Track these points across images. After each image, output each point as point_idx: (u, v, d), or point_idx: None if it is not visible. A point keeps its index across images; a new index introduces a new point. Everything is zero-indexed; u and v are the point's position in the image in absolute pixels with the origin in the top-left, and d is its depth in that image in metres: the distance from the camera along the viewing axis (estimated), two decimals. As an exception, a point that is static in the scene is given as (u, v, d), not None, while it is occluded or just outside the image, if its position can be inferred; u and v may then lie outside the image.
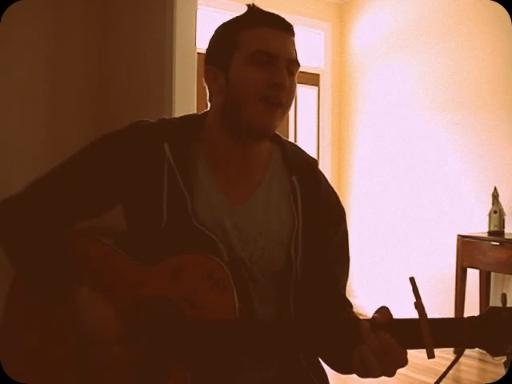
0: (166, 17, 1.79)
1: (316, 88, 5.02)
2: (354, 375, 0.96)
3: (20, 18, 1.82)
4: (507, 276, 3.79)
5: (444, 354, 3.85)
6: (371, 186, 4.79)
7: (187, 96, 1.82)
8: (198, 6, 1.90)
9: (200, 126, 1.12)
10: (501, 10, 3.60)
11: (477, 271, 3.79)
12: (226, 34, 1.07)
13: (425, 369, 3.27)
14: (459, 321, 0.91)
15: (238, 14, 1.11)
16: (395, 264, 4.48)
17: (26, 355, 1.09)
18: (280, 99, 1.03)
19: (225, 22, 1.11)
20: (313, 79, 4.98)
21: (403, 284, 4.44)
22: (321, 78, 5.02)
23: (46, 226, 1.09)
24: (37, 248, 1.08)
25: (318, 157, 5.01)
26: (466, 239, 3.67)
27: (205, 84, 1.12)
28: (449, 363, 0.92)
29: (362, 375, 0.93)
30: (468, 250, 3.66)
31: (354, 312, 1.14)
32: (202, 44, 1.92)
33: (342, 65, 5.08)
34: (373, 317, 0.93)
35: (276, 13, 1.08)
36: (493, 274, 3.83)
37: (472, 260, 3.65)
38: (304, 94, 4.93)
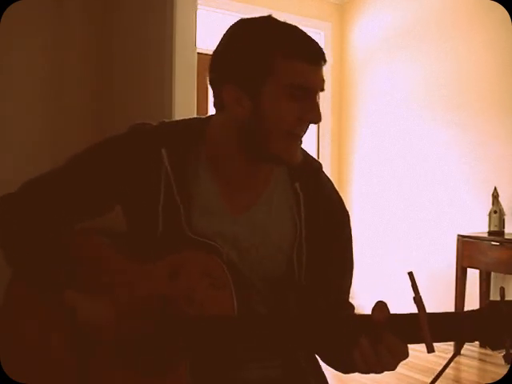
0: (166, 17, 1.79)
1: (316, 88, 5.01)
2: (353, 376, 0.96)
3: (20, 17, 1.82)
4: (507, 276, 3.78)
5: (445, 354, 3.86)
6: (371, 185, 4.79)
7: (187, 96, 1.82)
8: (198, 6, 1.90)
9: (202, 132, 1.10)
10: (501, 10, 3.60)
11: (477, 271, 3.79)
12: (259, 56, 0.98)
13: (425, 369, 3.26)
14: (458, 315, 0.94)
15: (270, 29, 1.00)
16: (395, 264, 4.48)
17: (26, 355, 1.09)
18: (306, 131, 1.03)
19: (254, 38, 1.00)
20: (313, 79, 4.97)
21: (403, 284, 4.44)
22: (321, 78, 5.02)
23: (42, 227, 1.09)
24: (32, 248, 1.07)
25: (318, 157, 5.01)
26: (466, 239, 3.67)
27: (221, 99, 1.03)
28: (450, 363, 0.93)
29: (364, 371, 0.93)
30: (468, 249, 3.66)
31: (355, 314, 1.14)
32: (202, 44, 1.92)
33: (342, 65, 5.08)
34: (372, 314, 0.92)
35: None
36: (493, 273, 3.83)
37: (472, 260, 3.65)
38: (304, 94, 4.93)
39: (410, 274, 0.91)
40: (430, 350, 0.88)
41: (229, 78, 1.01)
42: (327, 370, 1.16)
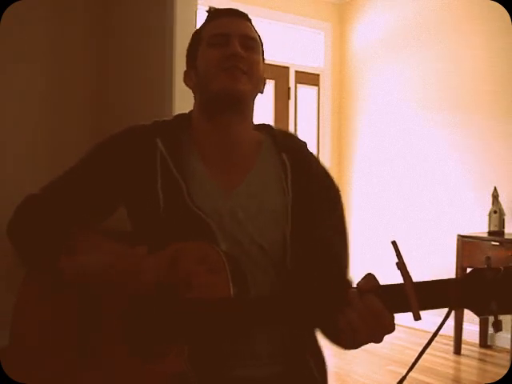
0: (166, 17, 1.79)
1: (316, 88, 5.02)
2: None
3: (20, 18, 1.83)
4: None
5: (445, 355, 3.84)
6: (371, 185, 4.80)
7: (187, 96, 1.82)
8: (198, 6, 1.90)
9: (188, 121, 1.21)
10: (501, 10, 3.60)
11: (477, 271, 3.79)
12: (193, 37, 1.21)
13: (425, 369, 3.27)
14: (445, 282, 0.92)
15: None
16: (395, 264, 4.48)
17: (26, 355, 1.10)
18: (239, 67, 1.11)
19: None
20: (313, 79, 4.98)
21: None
22: (321, 78, 5.02)
23: (57, 227, 1.12)
24: (44, 243, 1.11)
25: (318, 156, 5.01)
26: (466, 239, 3.67)
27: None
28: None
29: (350, 339, 0.93)
30: (468, 249, 3.66)
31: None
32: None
33: (342, 65, 5.08)
34: (358, 283, 0.94)
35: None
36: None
37: (472, 260, 3.65)
38: (304, 93, 4.93)
39: (394, 243, 0.94)
40: (417, 317, 0.89)
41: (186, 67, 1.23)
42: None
